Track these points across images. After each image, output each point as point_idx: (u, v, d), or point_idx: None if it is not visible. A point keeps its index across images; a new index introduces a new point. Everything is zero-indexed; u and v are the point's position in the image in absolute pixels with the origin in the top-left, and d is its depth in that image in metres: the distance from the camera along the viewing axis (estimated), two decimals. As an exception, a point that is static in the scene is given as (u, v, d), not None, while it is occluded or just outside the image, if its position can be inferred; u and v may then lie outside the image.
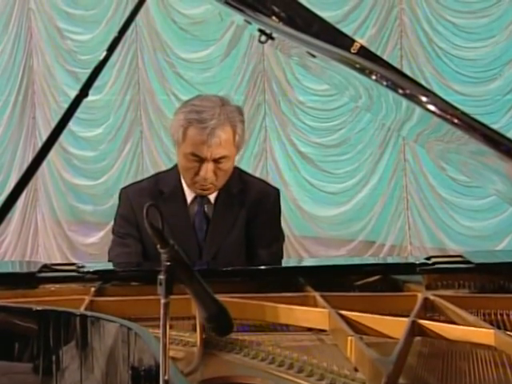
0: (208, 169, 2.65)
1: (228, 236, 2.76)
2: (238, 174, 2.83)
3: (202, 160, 2.65)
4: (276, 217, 2.86)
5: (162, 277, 1.41)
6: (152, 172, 7.11)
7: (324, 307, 2.17)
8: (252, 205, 2.79)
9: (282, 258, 2.92)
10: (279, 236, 2.89)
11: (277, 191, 2.88)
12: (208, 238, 2.76)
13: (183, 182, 2.77)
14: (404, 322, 2.00)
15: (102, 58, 2.33)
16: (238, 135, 2.69)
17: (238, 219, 2.78)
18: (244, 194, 2.80)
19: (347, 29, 5.66)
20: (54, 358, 1.96)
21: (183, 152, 2.68)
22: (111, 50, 2.35)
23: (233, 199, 2.78)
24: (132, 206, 2.77)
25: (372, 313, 2.12)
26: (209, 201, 2.78)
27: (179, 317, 2.19)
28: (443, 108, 1.76)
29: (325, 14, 2.15)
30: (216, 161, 2.66)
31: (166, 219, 2.77)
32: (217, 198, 2.77)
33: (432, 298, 2.26)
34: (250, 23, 2.23)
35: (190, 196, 2.77)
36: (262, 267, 2.60)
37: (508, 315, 2.20)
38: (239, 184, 2.81)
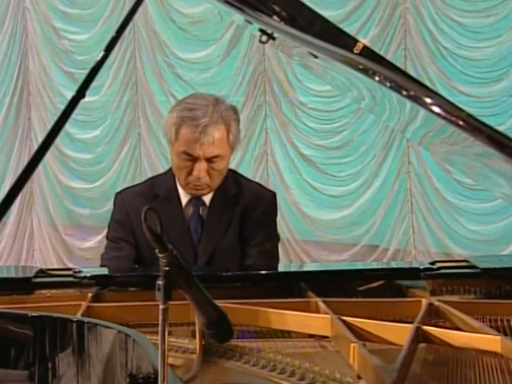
0: (201, 168, 2.66)
1: (222, 238, 2.77)
2: (234, 176, 2.84)
3: (194, 159, 2.66)
4: (270, 217, 2.86)
5: (160, 282, 1.41)
6: (150, 174, 7.12)
7: (326, 313, 2.17)
8: (246, 207, 2.80)
9: (277, 258, 2.91)
10: (273, 235, 2.89)
11: (272, 194, 2.89)
12: (203, 240, 2.78)
13: (178, 184, 2.78)
14: (408, 329, 2.00)
15: (99, 58, 2.34)
16: (232, 134, 2.69)
17: (233, 222, 2.79)
18: (239, 197, 2.81)
19: (350, 28, 5.67)
20: (50, 365, 1.96)
21: (176, 151, 2.69)
22: (109, 50, 2.35)
23: (228, 202, 2.79)
24: (127, 210, 2.79)
25: (375, 319, 2.13)
26: (204, 203, 2.78)
27: (178, 323, 2.19)
28: (448, 109, 1.77)
29: (327, 14, 2.16)
30: (209, 160, 2.66)
31: (162, 222, 2.78)
32: (212, 201, 2.78)
33: (437, 303, 2.26)
34: (250, 23, 2.23)
35: (185, 198, 2.78)
36: (263, 272, 2.60)
37: (515, 321, 2.20)
38: (234, 187, 2.82)
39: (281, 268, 3.05)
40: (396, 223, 6.30)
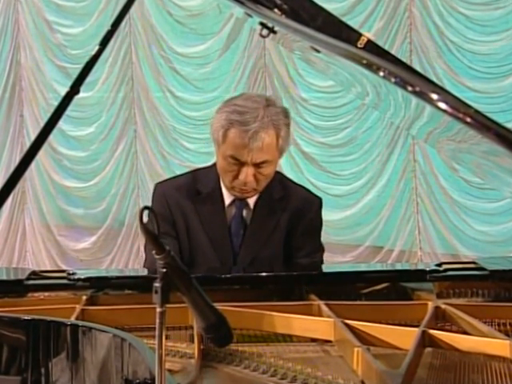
0: (248, 173, 2.63)
1: (266, 245, 2.75)
2: (280, 179, 2.81)
3: (241, 163, 2.63)
4: (318, 225, 2.86)
5: (157, 284, 1.42)
6: (146, 173, 7.19)
7: (329, 316, 2.18)
8: (293, 214, 2.77)
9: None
10: (321, 245, 2.88)
11: (319, 200, 2.88)
12: (244, 244, 2.75)
13: (222, 183, 2.77)
14: (414, 333, 2.00)
15: (93, 52, 2.34)
16: (282, 139, 2.65)
17: (278, 228, 2.76)
18: (285, 202, 2.78)
19: (353, 22, 5.68)
20: (43, 370, 1.96)
21: (223, 153, 2.66)
22: (104, 44, 2.35)
23: (273, 206, 2.76)
24: (168, 203, 2.76)
25: (380, 322, 2.13)
26: (248, 205, 2.76)
27: (176, 327, 2.19)
28: (455, 106, 1.77)
29: (330, 7, 2.16)
30: (257, 165, 2.63)
31: (202, 221, 2.73)
32: (256, 203, 2.76)
33: (443, 306, 2.26)
34: (250, 16, 2.23)
35: (228, 198, 2.76)
36: (264, 274, 2.60)
37: (524, 325, 2.21)
38: (280, 190, 2.79)
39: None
40: (401, 223, 6.31)
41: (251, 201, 2.76)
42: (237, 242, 2.76)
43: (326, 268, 2.81)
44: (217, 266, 2.71)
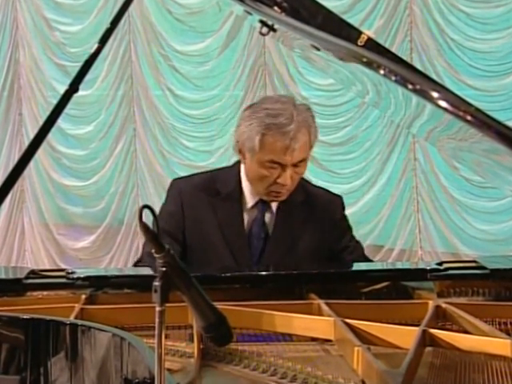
0: (287, 175, 2.62)
1: (291, 249, 2.73)
2: (301, 182, 2.78)
3: (281, 166, 2.62)
4: (346, 221, 2.90)
5: (157, 283, 1.42)
6: (146, 171, 7.19)
7: (329, 316, 2.18)
8: (320, 219, 2.77)
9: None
10: (357, 242, 2.91)
11: (340, 199, 2.88)
12: (267, 248, 2.74)
13: (244, 185, 2.74)
14: (414, 332, 2.00)
15: (93, 50, 2.34)
16: (313, 134, 2.68)
17: (304, 235, 2.75)
18: (308, 206, 2.78)
19: (353, 19, 5.67)
20: (42, 370, 1.96)
21: (259, 160, 2.63)
22: (103, 42, 2.36)
23: (295, 211, 2.75)
24: (182, 202, 2.74)
25: (380, 322, 2.13)
26: (270, 207, 2.75)
27: (175, 326, 2.19)
28: (456, 104, 1.77)
29: (330, 4, 2.16)
30: (294, 165, 2.63)
31: (219, 221, 2.73)
32: (278, 207, 2.74)
33: (444, 305, 2.26)
34: (250, 14, 2.23)
35: (251, 200, 2.74)
36: (264, 273, 2.60)
37: (525, 324, 2.21)
38: (302, 193, 2.78)
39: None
40: (402, 222, 6.30)
41: (273, 204, 2.75)
42: (257, 244, 2.74)
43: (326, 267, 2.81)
44: (232, 266, 2.69)
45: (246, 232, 2.74)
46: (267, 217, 2.75)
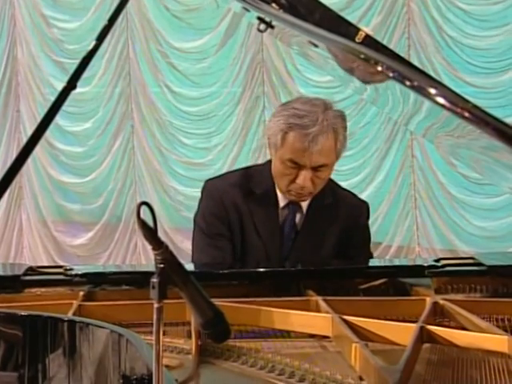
0: (306, 177, 2.62)
1: (316, 249, 2.75)
2: (330, 184, 2.79)
3: (300, 167, 2.63)
4: (368, 231, 2.89)
5: (155, 280, 1.41)
6: (144, 168, 7.19)
7: (327, 312, 2.18)
8: (345, 223, 2.79)
9: None
10: (371, 255, 2.93)
11: (366, 206, 2.89)
12: (294, 248, 2.76)
13: (277, 185, 2.75)
14: (412, 328, 2.00)
15: (90, 47, 2.34)
16: (340, 142, 2.66)
17: (329, 235, 2.77)
18: (335, 209, 2.79)
19: (351, 16, 5.67)
20: (40, 366, 1.96)
21: (280, 157, 2.65)
22: (101, 39, 2.35)
23: (324, 213, 2.76)
24: (224, 202, 2.75)
25: (378, 318, 2.13)
26: (301, 208, 2.76)
27: (173, 322, 2.19)
28: (453, 101, 1.77)
29: (328, 1, 2.15)
30: (315, 169, 2.63)
31: (256, 221, 2.74)
32: (309, 208, 2.76)
33: (442, 302, 2.26)
34: (248, 10, 2.23)
35: (283, 200, 2.75)
36: (262, 270, 2.60)
37: (522, 320, 2.21)
38: (330, 196, 2.79)
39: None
40: (399, 219, 6.31)
41: (304, 205, 2.76)
42: (287, 244, 2.76)
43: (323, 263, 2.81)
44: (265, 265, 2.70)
45: (279, 231, 2.76)
46: (298, 217, 2.77)
